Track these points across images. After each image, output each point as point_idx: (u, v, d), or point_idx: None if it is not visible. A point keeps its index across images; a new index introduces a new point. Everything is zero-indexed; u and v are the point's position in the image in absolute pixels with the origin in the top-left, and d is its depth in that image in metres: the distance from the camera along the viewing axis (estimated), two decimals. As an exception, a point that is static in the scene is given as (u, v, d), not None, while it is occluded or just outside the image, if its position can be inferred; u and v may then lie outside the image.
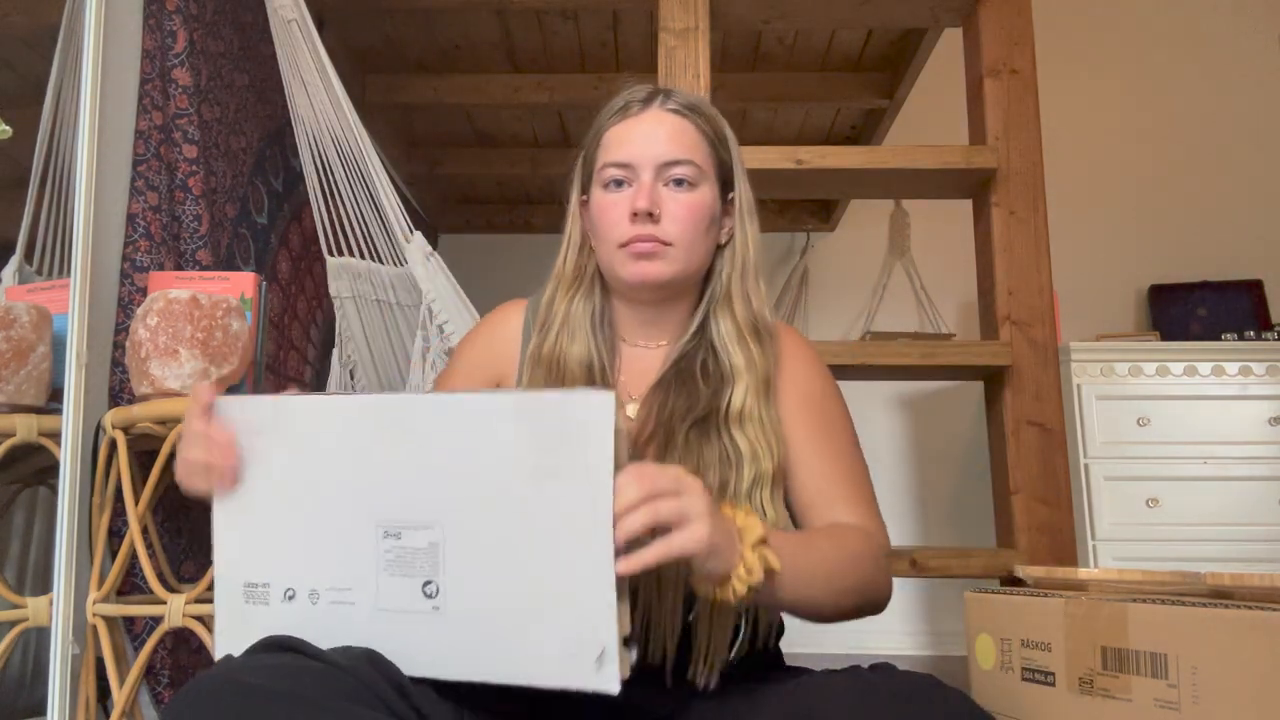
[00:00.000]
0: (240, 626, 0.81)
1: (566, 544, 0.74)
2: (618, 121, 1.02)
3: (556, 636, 0.73)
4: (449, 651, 0.76)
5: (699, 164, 1.01)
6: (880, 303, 3.60)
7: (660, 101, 1.02)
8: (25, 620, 1.44)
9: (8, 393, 1.47)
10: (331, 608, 0.79)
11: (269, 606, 0.80)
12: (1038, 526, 1.65)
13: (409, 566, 0.77)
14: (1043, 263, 1.75)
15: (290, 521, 0.81)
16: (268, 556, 0.81)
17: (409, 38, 2.85)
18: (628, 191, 0.99)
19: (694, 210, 0.99)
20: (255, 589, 0.81)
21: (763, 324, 1.03)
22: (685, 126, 1.01)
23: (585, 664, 0.72)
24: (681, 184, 0.99)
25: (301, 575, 0.80)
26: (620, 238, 0.98)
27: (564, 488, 0.74)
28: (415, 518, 0.77)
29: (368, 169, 1.80)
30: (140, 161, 1.70)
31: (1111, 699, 0.91)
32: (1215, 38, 3.55)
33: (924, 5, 1.98)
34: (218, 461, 0.80)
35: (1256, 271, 3.35)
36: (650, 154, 0.99)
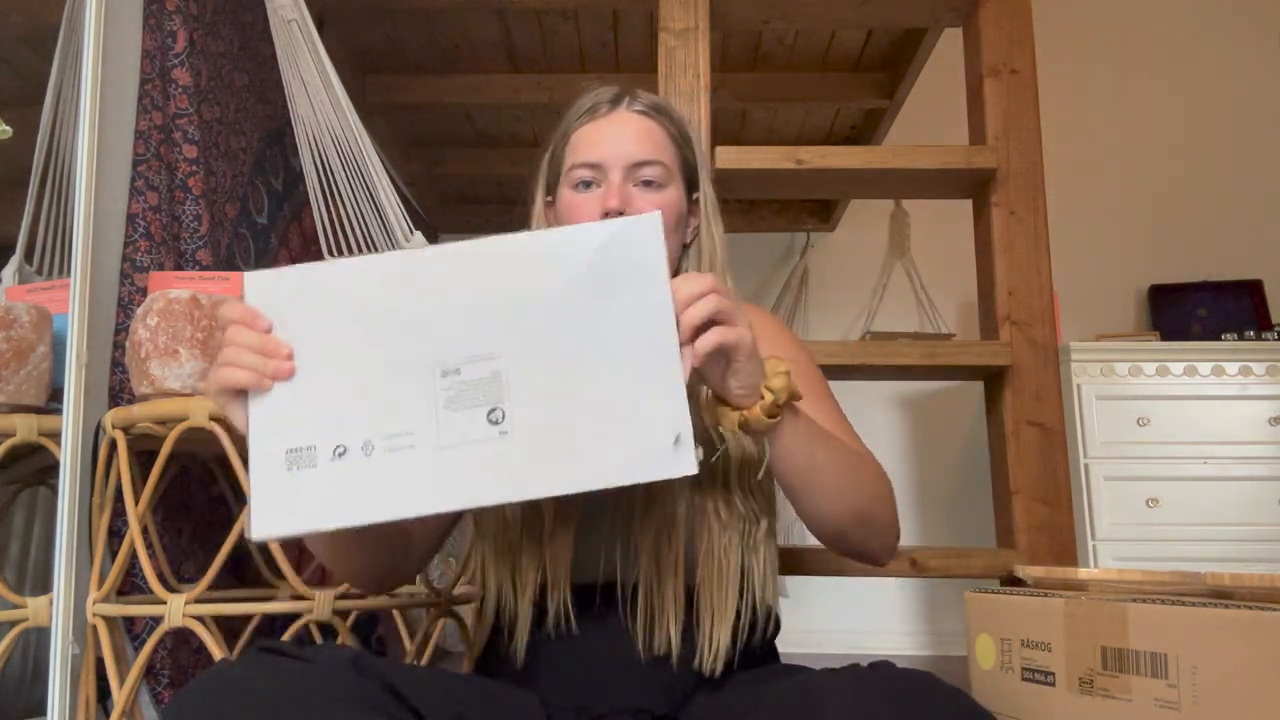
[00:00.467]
0: (284, 495, 0.76)
1: (632, 348, 0.77)
2: (585, 122, 1.04)
3: (630, 431, 0.75)
4: (522, 472, 0.75)
5: (667, 164, 1.02)
6: (880, 303, 3.60)
7: (627, 103, 1.04)
8: (25, 620, 1.44)
9: (8, 393, 1.47)
10: (388, 456, 0.76)
11: (316, 468, 0.76)
12: (1038, 526, 1.65)
13: (472, 399, 0.76)
14: (1043, 263, 1.75)
15: (334, 381, 0.78)
16: (310, 419, 0.77)
17: (409, 38, 2.85)
18: (597, 192, 1.01)
19: (664, 209, 0.99)
20: (299, 453, 0.76)
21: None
22: (652, 127, 1.03)
23: (663, 450, 0.75)
24: (650, 184, 1.01)
25: (351, 429, 0.77)
26: None
27: (625, 300, 0.78)
28: (474, 352, 0.78)
29: (368, 169, 1.80)
30: (140, 161, 1.70)
31: (1111, 699, 0.91)
32: (1215, 38, 3.55)
33: (924, 5, 1.98)
34: (274, 374, 0.76)
35: (1256, 271, 3.36)
36: (619, 154, 1.00)
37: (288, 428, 0.77)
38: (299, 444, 0.77)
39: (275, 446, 0.77)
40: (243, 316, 0.77)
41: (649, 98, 1.06)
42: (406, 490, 0.75)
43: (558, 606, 0.92)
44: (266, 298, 0.79)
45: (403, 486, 0.75)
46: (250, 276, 0.80)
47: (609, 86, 1.07)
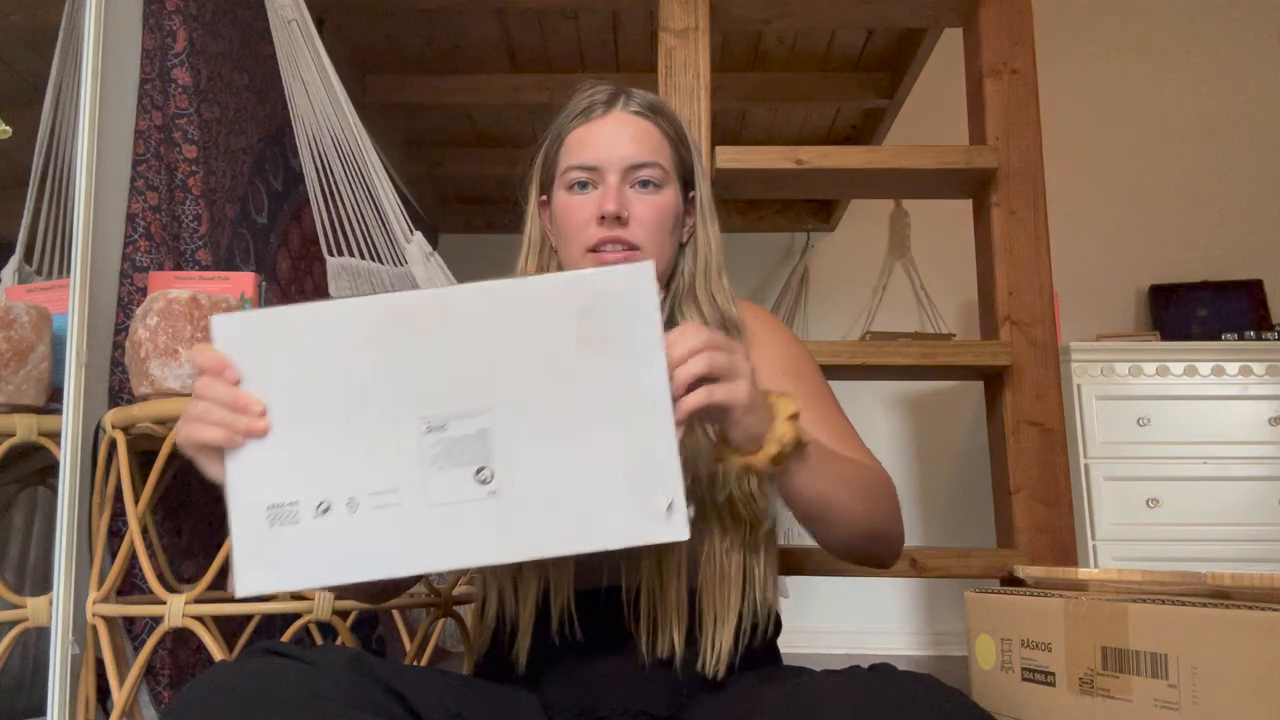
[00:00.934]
0: (268, 552, 0.74)
1: (623, 406, 0.75)
2: (580, 123, 1.02)
3: (622, 496, 0.74)
4: (511, 533, 0.74)
5: (664, 165, 1.01)
6: (880, 303, 3.60)
7: (623, 103, 1.02)
8: (25, 620, 1.44)
9: (8, 393, 1.47)
10: (374, 514, 0.74)
11: (299, 525, 0.74)
12: (1038, 526, 1.65)
13: (459, 456, 0.74)
14: (1043, 263, 1.75)
15: (314, 434, 0.75)
16: (291, 473, 0.75)
17: (409, 38, 2.85)
18: (593, 194, 0.99)
19: (661, 212, 0.99)
20: (281, 510, 0.74)
21: (730, 321, 1.03)
22: (649, 128, 1.02)
23: (655, 516, 0.74)
24: (647, 186, 0.99)
25: (335, 485, 0.74)
26: (587, 241, 0.98)
27: (615, 354, 0.75)
28: (460, 408, 0.75)
29: (368, 169, 1.80)
30: (140, 161, 1.70)
31: (1111, 699, 0.91)
32: (1215, 38, 3.55)
33: (924, 5, 1.98)
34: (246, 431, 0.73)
35: (1256, 271, 3.36)
36: (616, 156, 0.99)
37: (268, 482, 0.75)
38: (280, 500, 0.74)
39: (256, 501, 0.75)
40: (212, 365, 0.74)
41: (644, 97, 1.04)
42: (393, 550, 0.73)
43: (561, 612, 0.91)
44: (236, 345, 0.76)
45: (389, 546, 0.73)
46: (217, 321, 0.77)
47: (603, 85, 1.05)
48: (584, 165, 0.99)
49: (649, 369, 0.75)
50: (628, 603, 0.92)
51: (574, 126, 1.02)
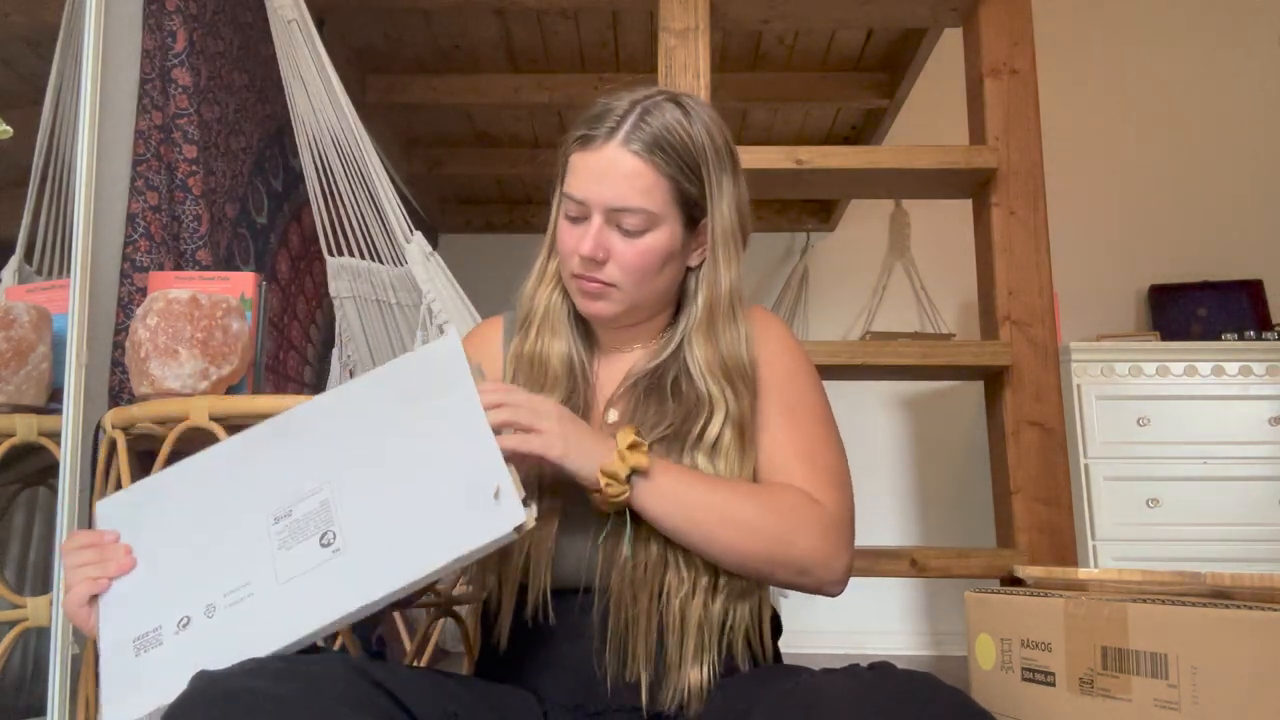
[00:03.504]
0: (132, 680, 0.77)
1: (444, 436, 0.82)
2: (578, 150, 0.99)
3: (453, 505, 0.78)
4: (359, 579, 0.77)
5: (653, 210, 0.97)
6: (880, 303, 3.60)
7: (623, 138, 0.97)
8: (25, 620, 1.44)
9: (8, 393, 1.47)
10: (230, 610, 0.78)
11: (163, 645, 0.77)
12: (1038, 526, 1.65)
13: (304, 531, 0.79)
14: (1043, 263, 1.75)
15: (174, 560, 0.82)
16: (154, 601, 0.80)
17: (409, 38, 2.85)
18: (580, 229, 0.99)
19: (642, 256, 0.98)
20: (145, 638, 0.78)
21: (735, 365, 1.00)
22: (641, 170, 0.96)
23: (485, 508, 0.77)
24: (629, 232, 0.97)
25: (192, 599, 0.79)
26: (571, 269, 1.00)
27: (432, 401, 0.84)
28: (301, 490, 0.82)
29: (368, 169, 1.80)
30: (140, 161, 1.70)
31: (1111, 699, 0.91)
32: (1215, 38, 3.55)
33: (924, 5, 1.98)
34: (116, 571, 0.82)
35: (1256, 271, 3.36)
36: (603, 198, 0.97)
37: (133, 617, 0.79)
38: (145, 629, 0.78)
39: (123, 638, 0.79)
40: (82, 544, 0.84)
41: (650, 129, 0.98)
42: (252, 636, 0.75)
43: (536, 598, 0.92)
44: (112, 521, 0.85)
45: (248, 634, 0.75)
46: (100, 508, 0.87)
47: (617, 101, 1.00)
48: (574, 198, 0.99)
49: (465, 404, 0.82)
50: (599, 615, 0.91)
51: (574, 149, 1.00)
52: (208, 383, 1.39)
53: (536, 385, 0.99)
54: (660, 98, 1.01)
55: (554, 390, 0.99)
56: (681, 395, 0.99)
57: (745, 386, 0.99)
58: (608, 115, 0.99)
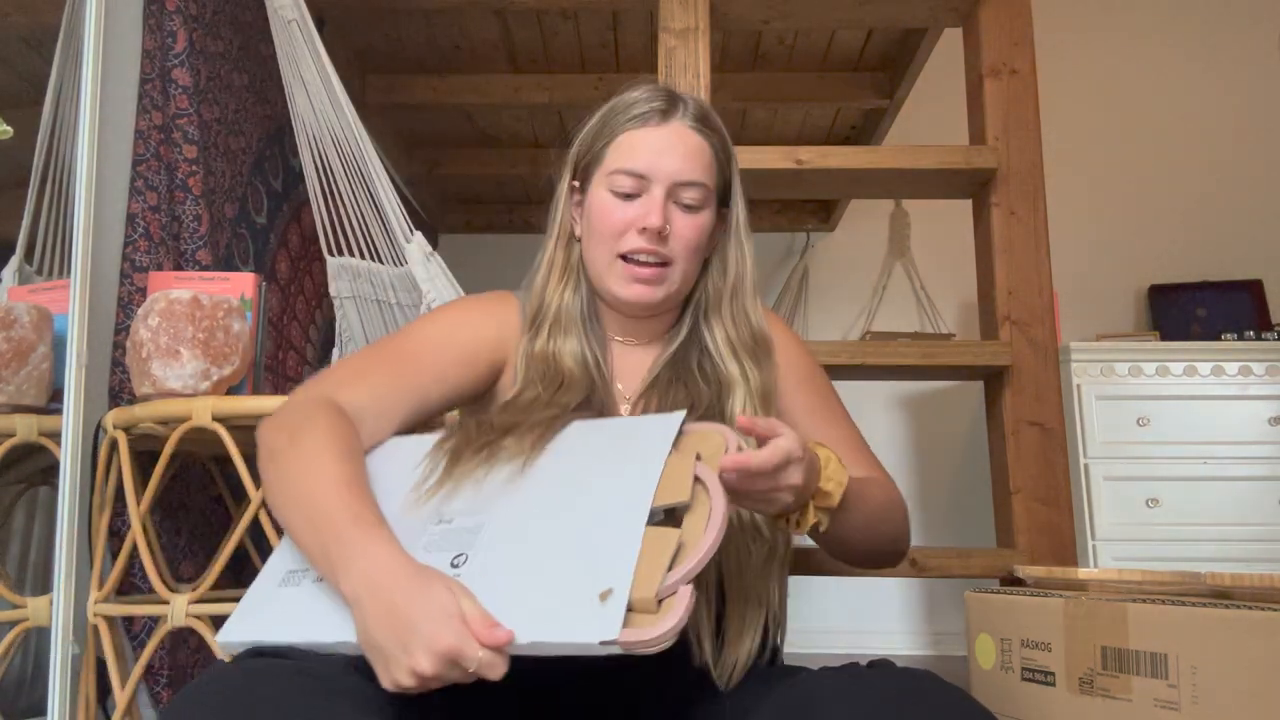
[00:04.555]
0: (262, 605, 0.82)
1: (603, 507, 0.76)
2: (636, 127, 1.01)
3: (564, 583, 0.72)
4: None
5: (708, 186, 1.01)
6: (880, 303, 3.60)
7: (681, 115, 1.01)
8: (25, 620, 1.44)
9: (8, 393, 1.47)
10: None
11: (299, 588, 0.81)
12: (1038, 526, 1.65)
13: (449, 544, 0.79)
14: (1043, 263, 1.75)
15: None
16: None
17: (409, 38, 2.85)
18: (636, 203, 0.99)
19: (699, 232, 1.00)
20: (294, 574, 0.83)
21: (761, 338, 1.04)
22: (703, 147, 1.01)
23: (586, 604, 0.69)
24: (690, 206, 1.00)
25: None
26: (622, 247, 0.99)
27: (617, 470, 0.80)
28: (472, 508, 0.81)
29: (368, 169, 1.80)
30: (140, 161, 1.69)
31: (1111, 699, 0.91)
32: (1215, 38, 3.55)
33: (924, 5, 1.98)
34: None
35: (1256, 271, 3.35)
36: (667, 171, 0.98)
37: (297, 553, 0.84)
38: (297, 566, 0.83)
39: (282, 566, 0.84)
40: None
41: (699, 108, 1.04)
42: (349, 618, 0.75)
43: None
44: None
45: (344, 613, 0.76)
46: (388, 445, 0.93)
47: (658, 88, 1.04)
48: (634, 172, 0.99)
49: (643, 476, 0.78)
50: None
51: (629, 127, 1.01)
52: (209, 383, 1.39)
53: (552, 387, 0.98)
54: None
55: (572, 392, 0.97)
56: (707, 376, 1.01)
57: (766, 357, 1.02)
58: (657, 100, 1.02)
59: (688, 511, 0.76)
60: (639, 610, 0.68)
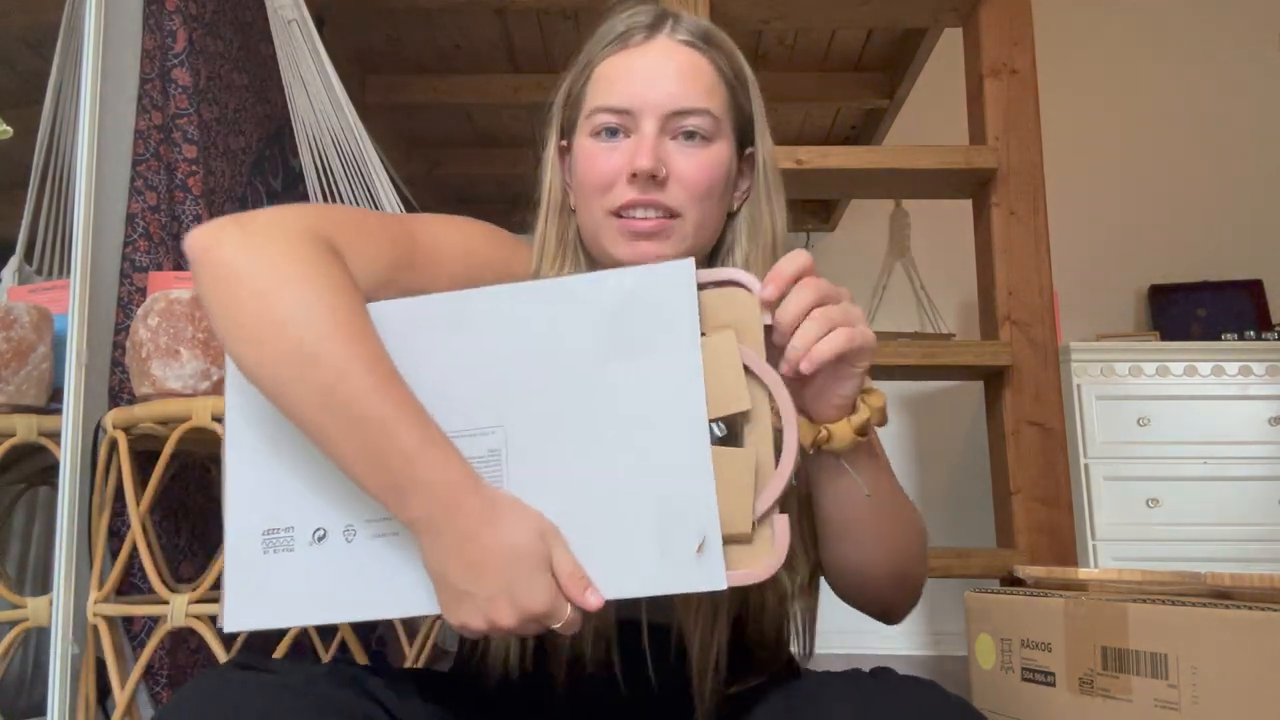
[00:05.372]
0: (258, 582, 0.69)
1: (651, 425, 0.65)
2: (614, 52, 0.83)
3: (644, 532, 0.63)
4: None
5: (715, 113, 0.82)
6: (880, 303, 3.60)
7: (670, 28, 0.83)
8: (25, 620, 1.44)
9: (8, 393, 1.47)
10: (371, 543, 0.67)
11: (294, 553, 0.68)
12: (1038, 526, 1.65)
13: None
14: (1043, 263, 1.75)
15: (315, 457, 0.69)
16: (290, 497, 0.69)
17: (409, 38, 2.85)
18: (624, 144, 0.80)
19: (709, 171, 0.80)
20: (277, 535, 0.69)
21: None
22: (700, 64, 0.82)
23: (683, 558, 0.62)
24: (694, 137, 0.80)
25: (333, 511, 0.68)
26: (613, 202, 0.80)
27: (644, 363, 0.66)
28: (471, 424, 0.67)
29: (368, 169, 1.80)
30: (139, 161, 1.70)
31: (1112, 699, 0.91)
32: (1216, 38, 3.55)
33: (924, 5, 1.98)
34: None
35: (1256, 271, 3.35)
36: (656, 98, 0.80)
37: (265, 503, 0.70)
38: (276, 524, 0.69)
39: (252, 526, 0.69)
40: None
41: (695, 22, 0.85)
42: (388, 586, 0.67)
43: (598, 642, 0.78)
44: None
45: (384, 581, 0.67)
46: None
47: (644, 5, 0.85)
48: (614, 107, 0.80)
49: (684, 382, 0.65)
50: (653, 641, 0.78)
51: (606, 55, 0.83)
52: (209, 383, 1.39)
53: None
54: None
55: None
56: None
57: None
58: (639, 16, 0.83)
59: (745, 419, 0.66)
60: (735, 542, 0.63)
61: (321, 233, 0.72)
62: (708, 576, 0.62)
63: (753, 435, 0.66)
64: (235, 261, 0.68)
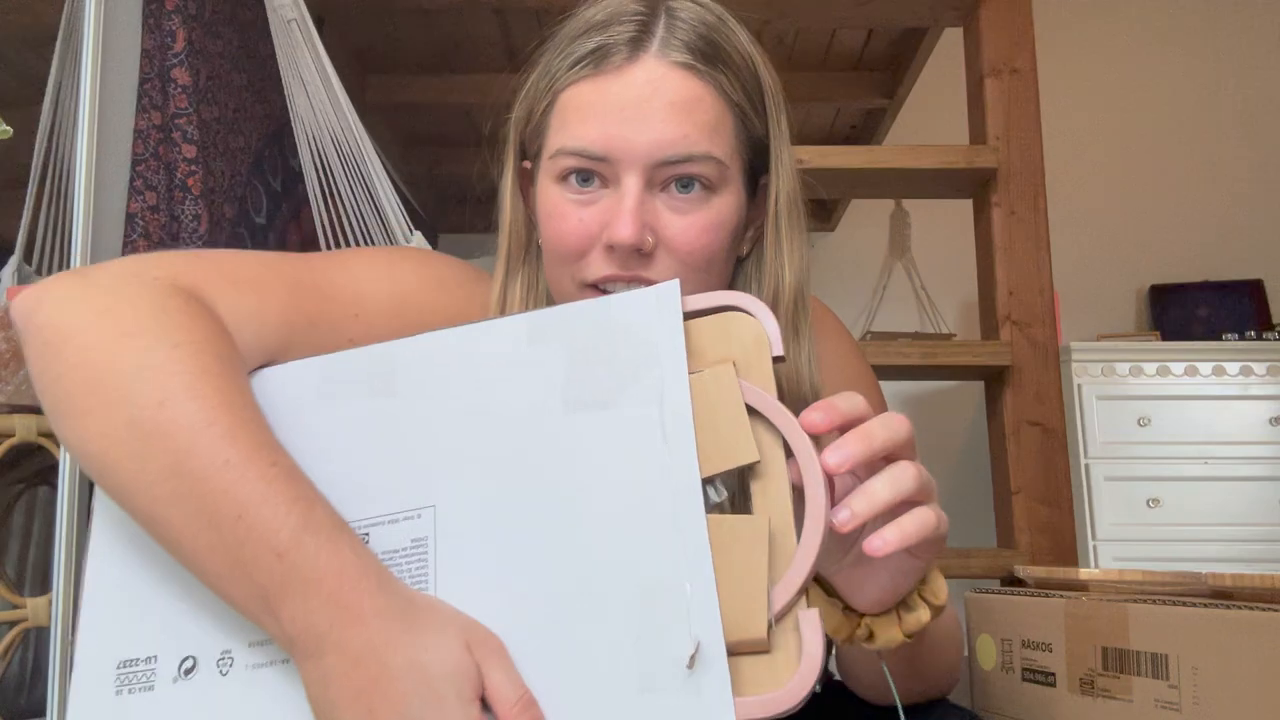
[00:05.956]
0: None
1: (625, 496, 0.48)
2: (587, 75, 0.64)
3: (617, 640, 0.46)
4: None
5: (720, 157, 0.63)
6: (880, 303, 3.60)
7: (660, 42, 0.63)
8: (25, 620, 1.44)
9: (7, 393, 1.47)
10: (252, 675, 0.51)
11: (153, 691, 0.52)
12: (1038, 527, 1.65)
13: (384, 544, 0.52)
14: (1043, 263, 1.75)
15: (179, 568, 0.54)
16: (154, 617, 0.54)
17: (409, 38, 2.85)
18: (600, 198, 0.63)
19: (708, 235, 0.63)
20: (134, 669, 0.53)
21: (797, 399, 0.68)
22: (700, 94, 0.62)
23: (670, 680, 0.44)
24: (691, 186, 0.62)
25: (206, 634, 0.52)
26: (585, 275, 0.63)
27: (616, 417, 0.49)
28: (389, 508, 0.51)
29: (368, 169, 1.80)
30: (139, 161, 1.70)
31: (1112, 699, 0.91)
32: (1216, 38, 3.55)
33: (924, 5, 1.98)
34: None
35: (1256, 271, 3.35)
36: (640, 144, 0.61)
37: (123, 630, 0.54)
38: (134, 654, 0.53)
39: (105, 657, 0.54)
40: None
41: (692, 27, 0.63)
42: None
43: None
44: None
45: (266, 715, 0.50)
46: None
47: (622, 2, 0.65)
48: (585, 152, 0.62)
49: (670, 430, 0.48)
50: None
51: (575, 79, 0.65)
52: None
53: None
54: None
55: None
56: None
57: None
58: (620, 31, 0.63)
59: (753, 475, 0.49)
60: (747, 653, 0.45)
61: (184, 281, 0.56)
62: (707, 706, 0.44)
63: (764, 497, 0.49)
64: (64, 319, 0.53)
